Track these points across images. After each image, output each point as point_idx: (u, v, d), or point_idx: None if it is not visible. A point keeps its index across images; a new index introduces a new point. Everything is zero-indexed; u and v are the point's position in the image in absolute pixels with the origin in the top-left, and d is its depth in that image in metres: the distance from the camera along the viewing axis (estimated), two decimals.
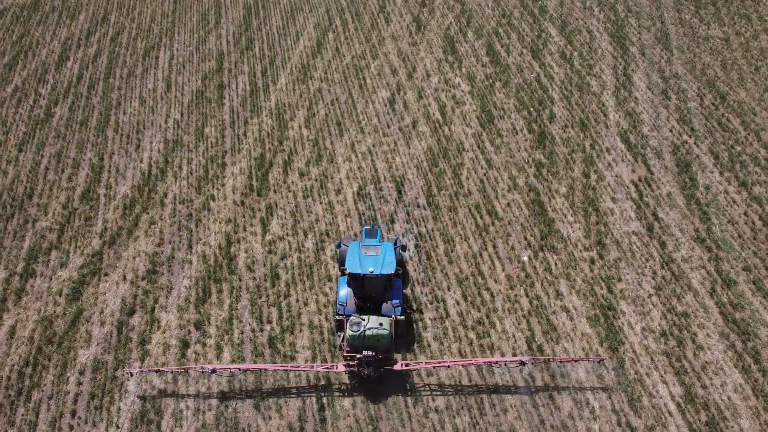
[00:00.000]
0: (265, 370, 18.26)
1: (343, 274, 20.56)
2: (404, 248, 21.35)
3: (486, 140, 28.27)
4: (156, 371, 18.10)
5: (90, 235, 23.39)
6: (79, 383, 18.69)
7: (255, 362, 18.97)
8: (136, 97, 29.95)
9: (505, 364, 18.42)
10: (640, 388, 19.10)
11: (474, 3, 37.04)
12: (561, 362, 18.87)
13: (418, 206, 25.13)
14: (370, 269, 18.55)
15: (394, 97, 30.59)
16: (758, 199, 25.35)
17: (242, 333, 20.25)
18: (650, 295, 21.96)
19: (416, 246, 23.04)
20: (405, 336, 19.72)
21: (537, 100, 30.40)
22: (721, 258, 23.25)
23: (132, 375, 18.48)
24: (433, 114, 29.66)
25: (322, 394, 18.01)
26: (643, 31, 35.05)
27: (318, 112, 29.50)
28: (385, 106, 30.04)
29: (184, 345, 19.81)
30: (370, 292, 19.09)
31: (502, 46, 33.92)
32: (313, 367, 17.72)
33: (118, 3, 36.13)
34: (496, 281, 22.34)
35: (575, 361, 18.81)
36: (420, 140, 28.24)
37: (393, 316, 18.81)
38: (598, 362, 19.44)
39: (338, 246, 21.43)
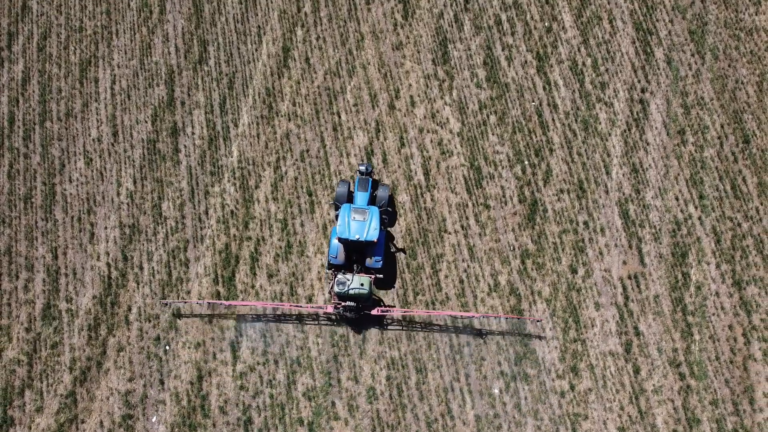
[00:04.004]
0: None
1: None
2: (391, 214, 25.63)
3: (471, 215, 25.85)
4: (184, 302, 23.84)
5: (60, 368, 23.17)
6: None
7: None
8: (80, 152, 26.38)
9: (461, 316, 23.89)
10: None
11: None
12: (506, 318, 23.95)
13: (392, 321, 24.28)
14: (356, 236, 22.99)
15: (372, 144, 26.95)
16: (747, 305, 24.32)
17: None
18: None
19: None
20: (387, 276, 24.65)
21: (534, 148, 26.86)
22: (692, 389, 23.35)
23: (167, 305, 23.84)
24: (415, 173, 26.53)
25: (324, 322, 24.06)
26: (676, 17, 29.09)
27: (286, 173, 26.33)
28: (362, 160, 26.66)
29: None
30: (357, 250, 23.89)
31: (503, 49, 28.55)
32: (308, 306, 23.55)
33: None
34: (464, 423, 22.86)
35: (518, 318, 23.95)
36: (398, 216, 25.80)
37: (373, 275, 23.57)
38: (537, 322, 24.01)
39: (334, 207, 24.98)
